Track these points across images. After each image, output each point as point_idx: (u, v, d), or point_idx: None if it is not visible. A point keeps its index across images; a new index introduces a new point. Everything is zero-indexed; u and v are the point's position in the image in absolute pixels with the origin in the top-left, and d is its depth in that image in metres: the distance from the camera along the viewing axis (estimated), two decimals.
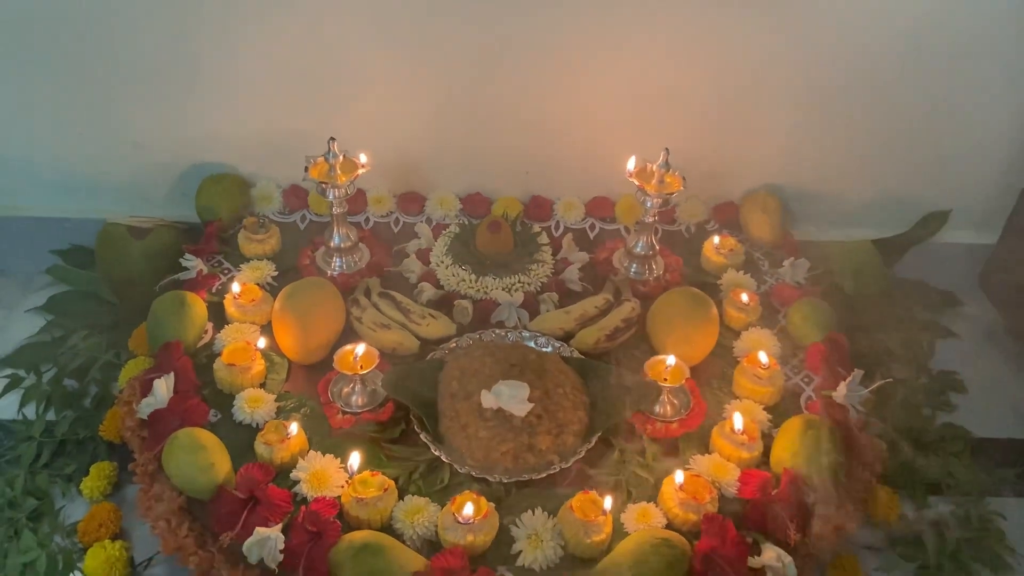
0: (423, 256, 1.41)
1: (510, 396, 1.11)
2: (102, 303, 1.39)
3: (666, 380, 1.15)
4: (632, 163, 1.32)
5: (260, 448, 1.07)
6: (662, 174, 1.30)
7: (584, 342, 1.25)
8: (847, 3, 1.31)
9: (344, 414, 1.15)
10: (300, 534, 0.97)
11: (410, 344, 1.25)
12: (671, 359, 1.16)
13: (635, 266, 1.38)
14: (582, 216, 1.50)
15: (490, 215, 1.44)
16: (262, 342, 1.22)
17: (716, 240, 1.42)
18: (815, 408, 1.16)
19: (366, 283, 1.33)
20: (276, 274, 1.36)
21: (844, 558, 1.07)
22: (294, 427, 1.09)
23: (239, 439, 1.10)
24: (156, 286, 1.31)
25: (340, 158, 1.28)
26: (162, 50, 1.34)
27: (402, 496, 1.05)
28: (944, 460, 1.22)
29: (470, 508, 0.99)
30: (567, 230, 1.48)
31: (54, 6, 1.30)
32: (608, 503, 1.01)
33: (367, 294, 1.32)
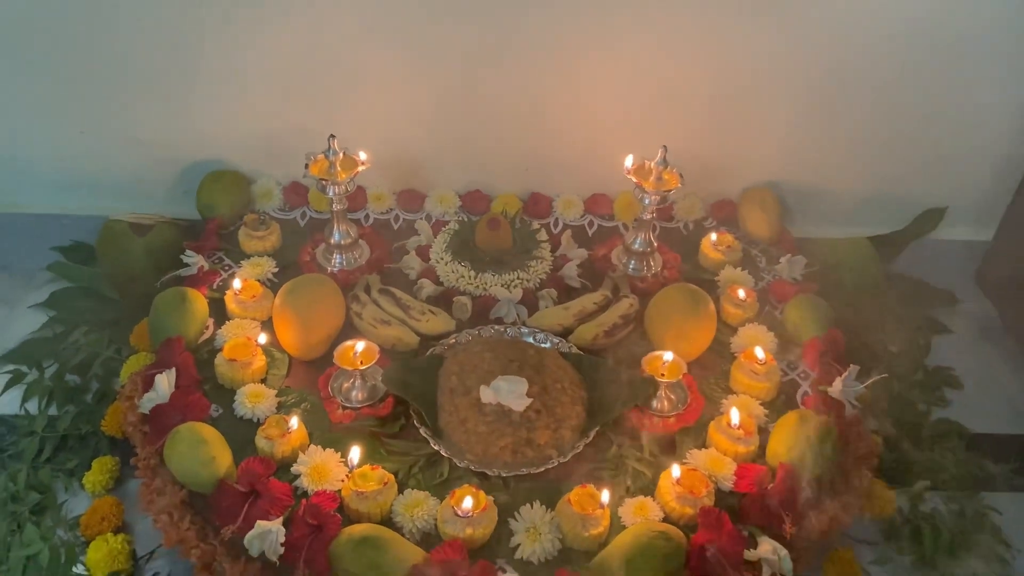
0: (423, 253, 1.41)
1: (509, 391, 1.12)
2: (103, 299, 1.39)
3: (663, 375, 1.16)
4: (630, 160, 1.33)
5: (261, 442, 1.08)
6: (660, 171, 1.30)
7: (582, 338, 1.26)
8: (844, 2, 1.31)
9: (344, 409, 1.15)
10: (301, 527, 0.98)
11: (410, 340, 1.25)
12: (668, 355, 1.17)
13: (633, 263, 1.39)
14: (581, 213, 1.51)
15: (489, 212, 1.45)
16: (263, 338, 1.23)
17: (714, 237, 1.43)
18: (811, 403, 1.17)
19: (366, 279, 1.34)
20: (277, 270, 1.36)
21: (840, 552, 1.08)
22: (295, 421, 1.09)
23: (240, 434, 1.10)
24: (157, 282, 1.31)
25: (340, 155, 1.29)
26: (163, 48, 1.35)
27: (402, 490, 1.05)
28: (939, 455, 1.22)
29: (469, 501, 0.99)
30: (566, 227, 1.49)
31: (55, 5, 1.30)
32: (606, 497, 1.01)
33: (367, 290, 1.32)
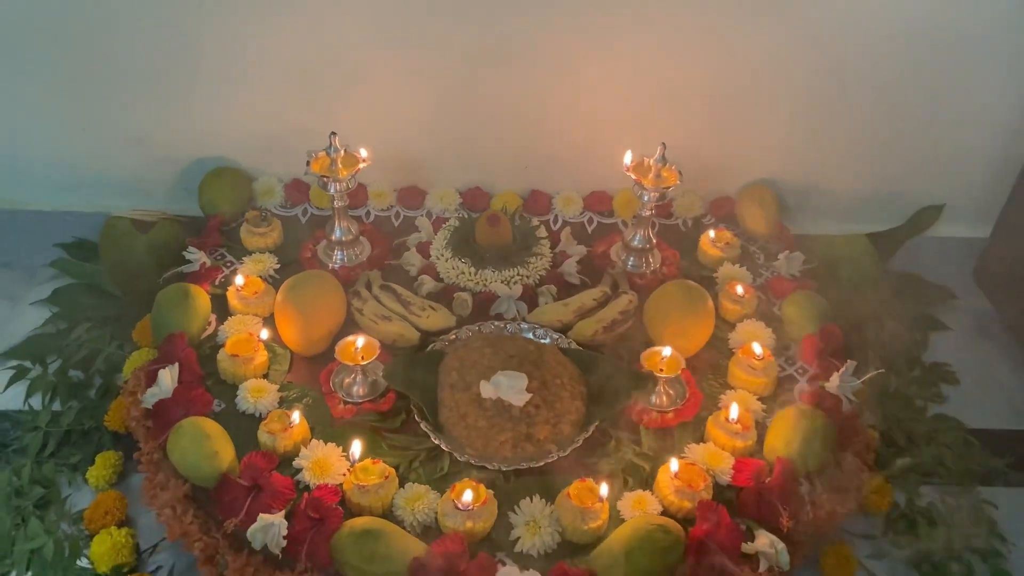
0: (423, 249, 1.42)
1: (509, 386, 1.12)
2: (106, 296, 1.40)
3: (662, 371, 1.16)
4: (629, 157, 1.33)
5: (263, 437, 1.09)
6: (659, 168, 1.31)
7: (582, 334, 1.27)
8: (843, 1, 1.32)
9: (346, 404, 1.16)
10: (303, 520, 0.99)
11: (410, 336, 1.26)
12: (667, 350, 1.17)
13: (632, 259, 1.39)
14: (580, 210, 1.52)
15: (489, 209, 1.46)
16: (265, 333, 1.23)
17: (712, 234, 1.43)
18: (808, 398, 1.17)
19: (367, 276, 1.35)
20: (278, 267, 1.37)
21: (837, 546, 1.08)
22: (296, 416, 1.10)
23: (242, 428, 1.11)
24: (160, 279, 1.32)
25: (341, 152, 1.29)
26: (165, 47, 1.35)
27: (402, 484, 1.06)
28: (936, 450, 1.23)
29: (469, 495, 1.00)
30: (565, 224, 1.49)
31: (57, 5, 1.31)
32: (604, 490, 1.02)
33: (368, 286, 1.33)
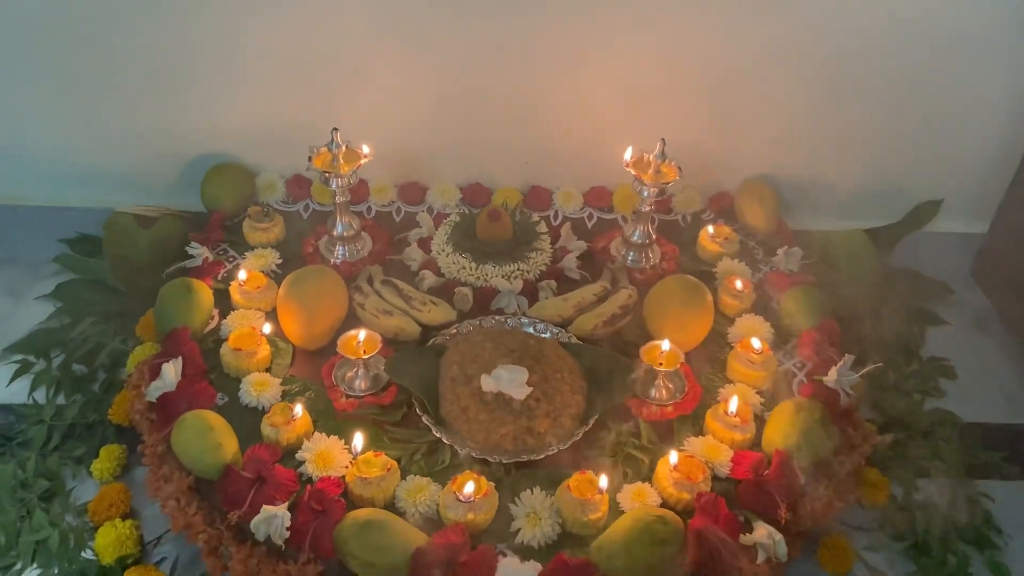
0: (424, 245, 1.42)
1: (509, 380, 1.13)
2: (109, 291, 1.40)
3: (661, 365, 1.17)
4: (629, 153, 1.34)
5: (266, 430, 1.09)
6: (658, 164, 1.32)
7: (582, 328, 1.27)
8: None
9: (348, 398, 1.17)
10: (306, 512, 1.00)
11: (412, 330, 1.27)
12: (666, 344, 1.18)
13: (632, 254, 1.40)
14: (580, 206, 1.52)
15: (490, 205, 1.46)
16: (267, 328, 1.24)
17: (712, 229, 1.44)
18: (807, 392, 1.18)
19: (368, 271, 1.35)
20: (280, 262, 1.38)
21: (834, 538, 1.09)
22: (299, 409, 1.10)
23: (245, 422, 1.12)
24: (163, 274, 1.33)
25: (343, 148, 1.30)
26: (168, 44, 1.36)
27: (404, 477, 1.06)
28: (933, 444, 1.24)
29: (471, 487, 1.01)
30: (565, 219, 1.50)
31: (60, 1, 1.31)
32: (604, 482, 1.03)
33: (369, 281, 1.34)
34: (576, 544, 1.01)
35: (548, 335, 1.27)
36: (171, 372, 1.13)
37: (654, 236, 1.41)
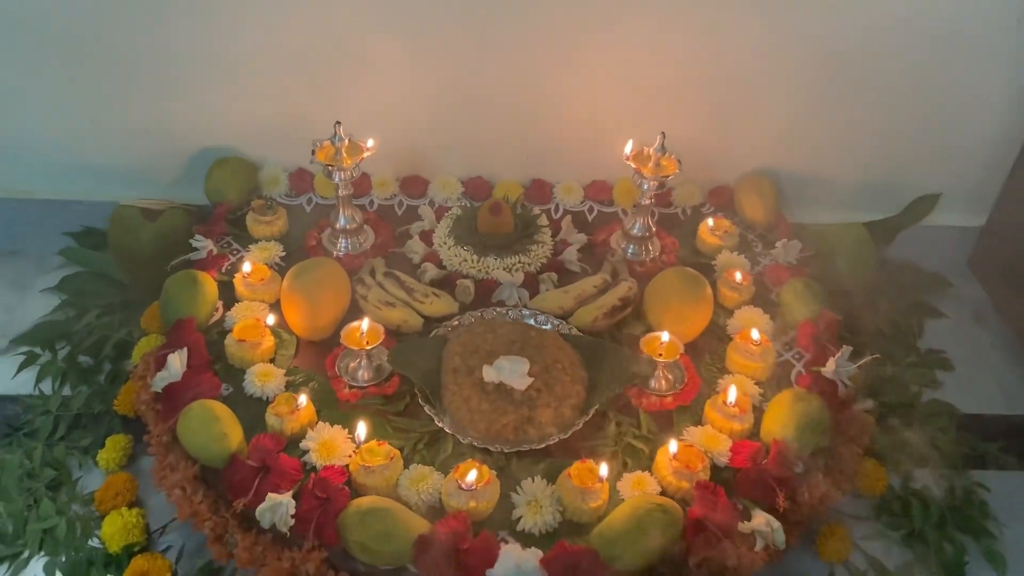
0: (426, 237, 1.43)
1: (511, 371, 1.14)
2: (114, 283, 1.42)
3: (661, 356, 1.17)
4: (629, 147, 1.35)
5: (271, 419, 1.10)
6: (658, 157, 1.32)
7: (582, 320, 1.28)
8: None
9: (351, 388, 1.18)
10: (310, 500, 1.00)
11: (414, 322, 1.27)
12: (665, 335, 1.19)
13: (632, 247, 1.41)
14: (581, 199, 1.53)
15: (491, 198, 1.46)
16: (271, 319, 1.25)
17: (711, 222, 1.44)
18: (805, 382, 1.19)
19: (371, 263, 1.36)
20: (284, 254, 1.38)
21: (832, 527, 1.10)
22: (303, 399, 1.11)
23: (250, 412, 1.13)
24: (168, 266, 1.34)
25: (346, 141, 1.31)
26: (172, 38, 1.36)
27: (407, 466, 1.07)
28: (930, 434, 1.25)
29: (473, 475, 1.01)
30: (566, 212, 1.51)
31: None
32: (605, 471, 1.04)
33: (372, 274, 1.34)
34: (576, 532, 1.02)
35: (549, 327, 1.28)
36: (177, 363, 1.14)
37: (654, 229, 1.41)
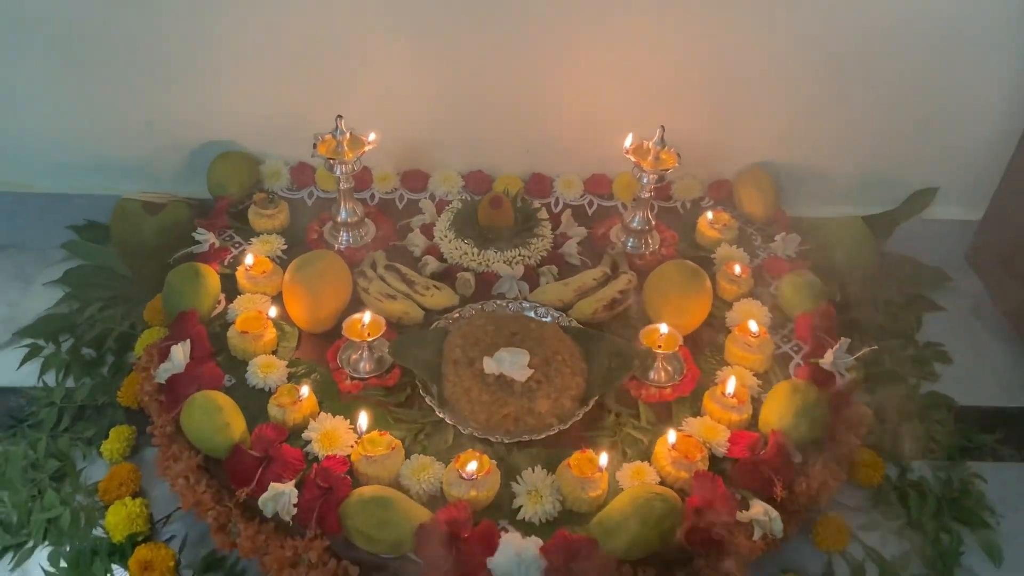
0: (427, 231, 1.44)
1: (511, 362, 1.15)
2: (116, 276, 1.42)
3: (660, 347, 1.18)
4: (629, 140, 1.35)
5: (273, 410, 1.11)
6: (657, 151, 1.33)
7: (582, 312, 1.29)
8: None
9: (352, 380, 1.18)
10: (312, 489, 1.01)
11: (415, 314, 1.28)
12: (664, 327, 1.19)
13: (632, 240, 1.41)
14: (581, 193, 1.53)
15: (492, 192, 1.46)
16: (273, 311, 1.25)
17: (710, 216, 1.45)
18: (803, 374, 1.20)
19: (372, 256, 1.37)
20: (285, 247, 1.39)
21: (830, 517, 1.11)
22: (305, 390, 1.12)
23: (253, 403, 1.13)
24: (170, 259, 1.34)
25: (347, 135, 1.31)
26: (174, 32, 1.37)
27: (408, 457, 1.08)
28: (928, 426, 1.26)
29: (474, 465, 1.02)
30: (566, 206, 1.51)
31: None
32: (604, 460, 1.04)
33: (373, 267, 1.35)
34: (576, 521, 1.03)
35: (549, 319, 1.28)
36: (180, 354, 1.14)
37: (653, 223, 1.42)
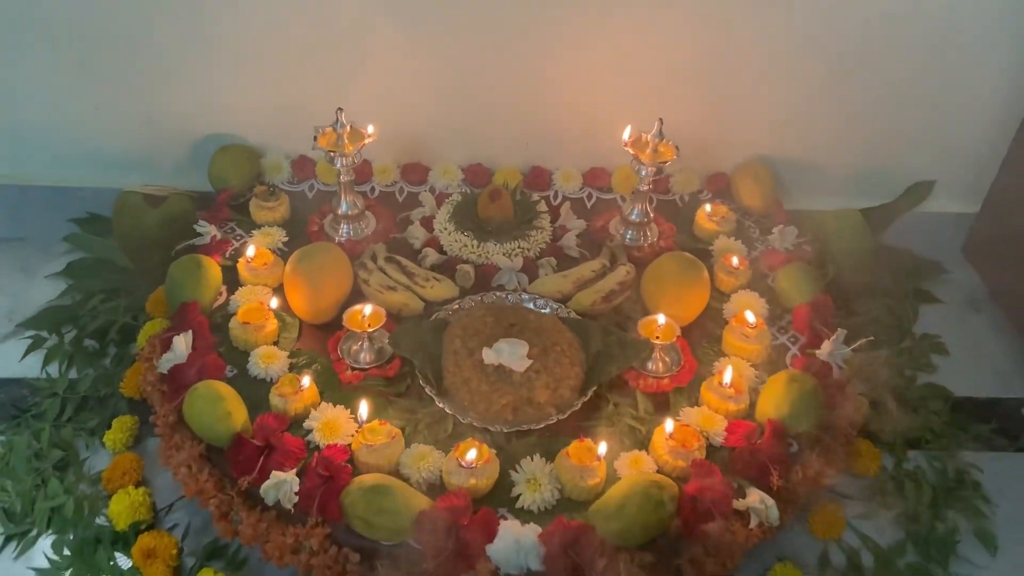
0: (427, 223, 1.44)
1: (510, 353, 1.16)
2: (118, 269, 1.43)
3: (658, 338, 1.19)
4: (628, 133, 1.36)
5: (275, 400, 1.12)
6: (656, 144, 1.33)
7: (581, 304, 1.29)
8: None
9: (353, 370, 1.19)
10: (313, 478, 1.02)
11: (415, 305, 1.29)
12: (662, 318, 1.20)
13: (631, 233, 1.42)
14: (580, 186, 1.54)
15: (491, 184, 1.47)
16: (274, 302, 1.26)
17: (708, 208, 1.46)
18: (800, 365, 1.20)
19: (372, 248, 1.37)
20: (286, 240, 1.40)
21: (826, 506, 1.12)
22: (306, 380, 1.13)
23: (254, 393, 1.14)
24: (172, 251, 1.34)
25: (348, 128, 1.32)
26: (175, 26, 1.37)
27: (408, 445, 1.09)
28: (925, 417, 1.26)
29: (473, 453, 1.03)
30: (565, 199, 1.52)
31: None
32: (602, 449, 1.05)
33: (373, 259, 1.35)
34: (574, 509, 1.03)
35: (548, 310, 1.29)
36: (182, 344, 1.15)
37: (652, 215, 1.42)
